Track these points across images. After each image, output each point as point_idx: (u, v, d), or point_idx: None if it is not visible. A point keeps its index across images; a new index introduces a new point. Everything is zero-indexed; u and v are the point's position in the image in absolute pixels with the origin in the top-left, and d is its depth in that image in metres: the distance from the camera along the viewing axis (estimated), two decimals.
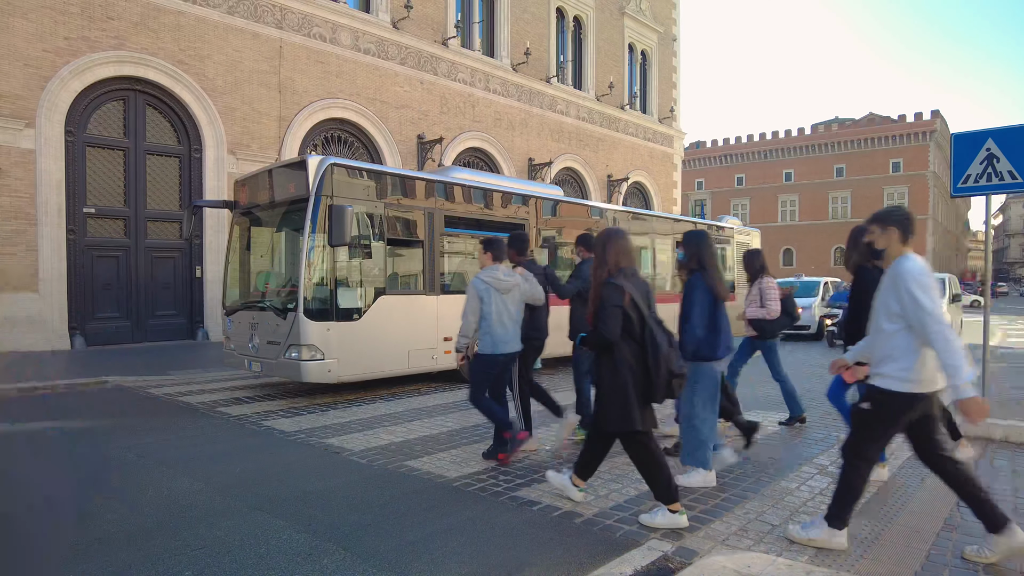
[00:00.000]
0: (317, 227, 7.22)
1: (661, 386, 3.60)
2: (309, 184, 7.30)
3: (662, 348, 3.59)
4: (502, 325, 4.90)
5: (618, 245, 3.79)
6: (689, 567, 2.92)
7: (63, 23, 11.66)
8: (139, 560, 3.20)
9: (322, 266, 7.42)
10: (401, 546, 3.37)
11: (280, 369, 7.48)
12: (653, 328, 3.63)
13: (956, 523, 3.78)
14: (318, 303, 7.33)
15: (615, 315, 3.59)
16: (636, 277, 3.80)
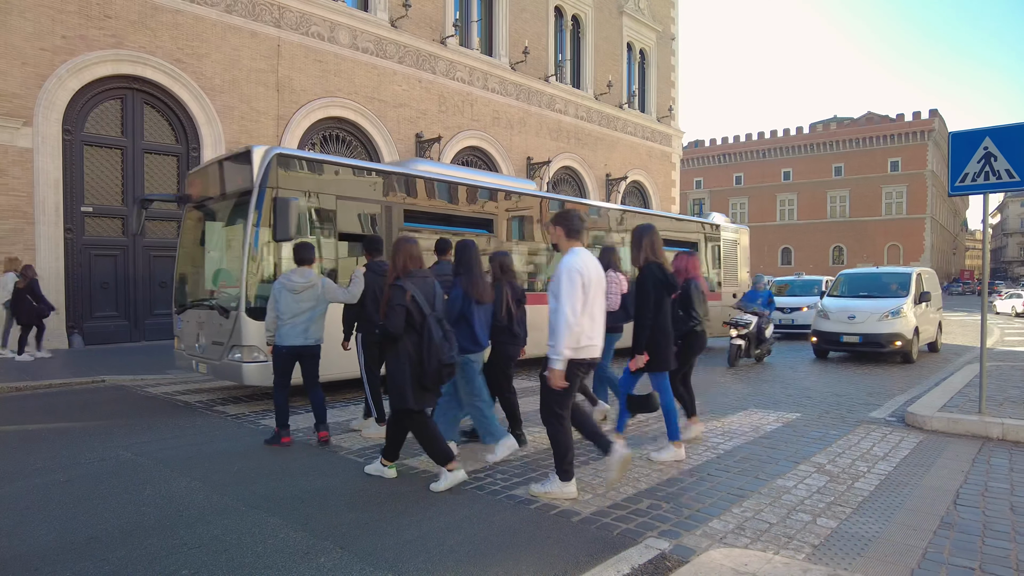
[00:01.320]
0: (262, 221, 6.85)
1: (431, 373, 4.15)
2: (253, 176, 6.95)
3: (435, 341, 4.14)
4: (292, 322, 5.39)
5: (406, 251, 4.34)
6: (686, 565, 2.92)
7: (61, 21, 11.63)
8: (136, 558, 3.19)
9: (266, 262, 7.03)
10: (398, 544, 3.37)
11: (223, 371, 7.10)
12: (431, 324, 4.17)
13: (953, 521, 3.78)
14: (261, 301, 6.84)
15: (398, 312, 4.13)
16: (423, 279, 4.34)
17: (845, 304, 11.96)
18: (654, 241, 4.96)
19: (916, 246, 62.05)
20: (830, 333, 11.63)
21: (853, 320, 11.49)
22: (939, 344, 13.59)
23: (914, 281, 12.23)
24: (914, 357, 11.40)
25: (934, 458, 5.19)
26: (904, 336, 11.06)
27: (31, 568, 3.09)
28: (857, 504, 4.07)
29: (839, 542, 3.46)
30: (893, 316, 11.21)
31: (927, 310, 12.44)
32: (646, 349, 4.93)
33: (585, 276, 3.96)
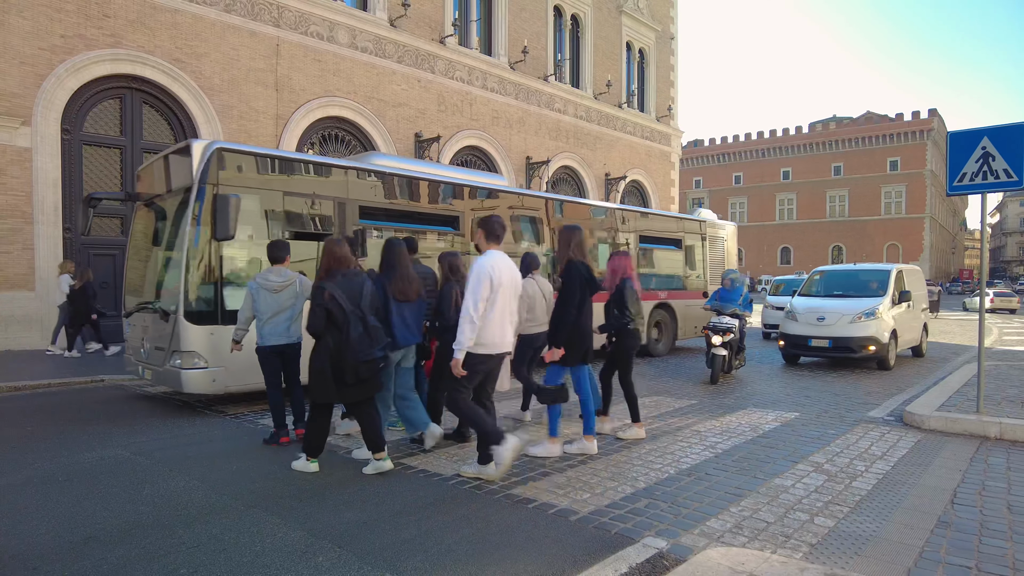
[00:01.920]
0: (203, 219, 6.54)
1: (348, 368, 4.36)
2: (193, 171, 6.64)
3: (352, 338, 4.34)
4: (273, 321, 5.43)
5: (331, 253, 4.57)
6: (683, 564, 2.93)
7: (59, 21, 11.63)
8: (135, 557, 3.19)
9: (207, 263, 6.68)
10: (396, 543, 3.37)
11: (165, 378, 6.80)
12: (351, 321, 4.36)
13: (951, 520, 3.79)
14: (201, 304, 6.61)
15: (318, 312, 4.37)
16: (348, 279, 4.52)
17: (814, 304, 10.92)
18: (581, 242, 5.12)
19: (915, 245, 62.11)
20: (797, 336, 10.62)
21: (822, 322, 10.43)
22: (924, 348, 12.63)
23: (892, 279, 11.04)
24: (890, 363, 10.41)
25: (932, 457, 5.20)
26: (878, 340, 10.05)
27: (30, 567, 3.10)
28: (855, 503, 4.08)
29: (836, 541, 3.47)
30: (867, 318, 10.15)
31: (909, 311, 11.35)
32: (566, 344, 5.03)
33: (495, 278, 4.28)
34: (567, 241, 5.09)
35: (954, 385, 8.15)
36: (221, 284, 6.72)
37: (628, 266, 6.02)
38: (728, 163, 71.84)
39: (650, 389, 8.49)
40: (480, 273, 4.24)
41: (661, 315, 12.47)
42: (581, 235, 5.14)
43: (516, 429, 6.09)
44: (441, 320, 5.37)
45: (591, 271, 5.04)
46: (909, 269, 12.31)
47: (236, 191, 6.64)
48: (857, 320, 10.18)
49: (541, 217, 10.79)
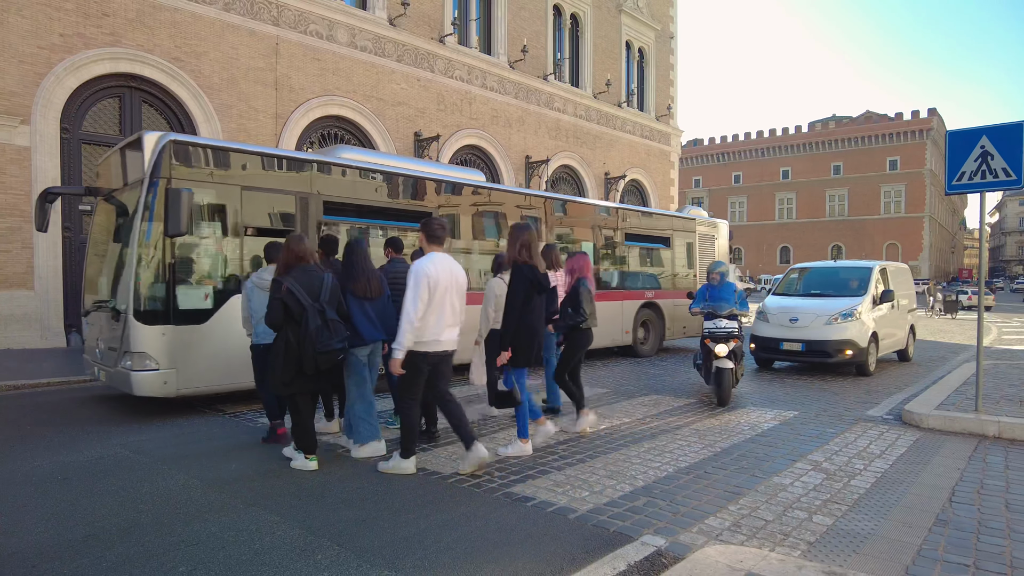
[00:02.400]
0: (155, 214, 6.31)
1: (307, 359, 4.50)
2: (145, 164, 6.43)
3: (309, 330, 4.49)
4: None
5: (290, 249, 4.72)
6: (681, 562, 2.94)
7: (58, 19, 11.62)
8: (134, 555, 3.20)
9: (158, 260, 6.42)
10: (395, 541, 3.38)
11: (117, 380, 6.55)
12: (309, 314, 4.50)
13: (949, 518, 3.80)
14: (152, 303, 6.35)
15: (275, 305, 4.52)
16: (308, 274, 4.66)
17: (787, 304, 10.12)
18: (529, 242, 5.07)
19: (915, 245, 62.14)
20: (768, 339, 9.83)
21: (795, 324, 9.65)
22: (911, 352, 11.75)
23: (874, 278, 10.20)
24: (870, 369, 9.63)
25: (930, 456, 5.21)
26: (856, 343, 9.28)
27: (29, 565, 3.10)
28: (853, 501, 4.08)
29: (834, 539, 3.47)
30: (844, 319, 9.37)
31: (893, 312, 10.61)
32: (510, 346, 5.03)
33: (432, 278, 4.39)
34: (514, 241, 5.10)
35: (953, 384, 8.16)
36: (174, 282, 6.46)
37: (586, 266, 6.10)
38: (728, 162, 71.84)
39: (648, 388, 8.50)
40: (418, 275, 4.36)
41: (648, 314, 12.30)
42: (529, 235, 5.10)
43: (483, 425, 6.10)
44: None
45: (537, 272, 5.02)
46: (894, 267, 11.57)
47: (190, 185, 6.41)
48: (833, 321, 9.44)
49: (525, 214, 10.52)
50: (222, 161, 7.03)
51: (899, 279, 11.46)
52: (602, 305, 11.09)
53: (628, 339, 11.87)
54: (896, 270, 11.57)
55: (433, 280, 4.38)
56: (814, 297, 10.37)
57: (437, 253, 4.56)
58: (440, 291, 4.42)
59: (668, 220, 13.79)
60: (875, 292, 10.06)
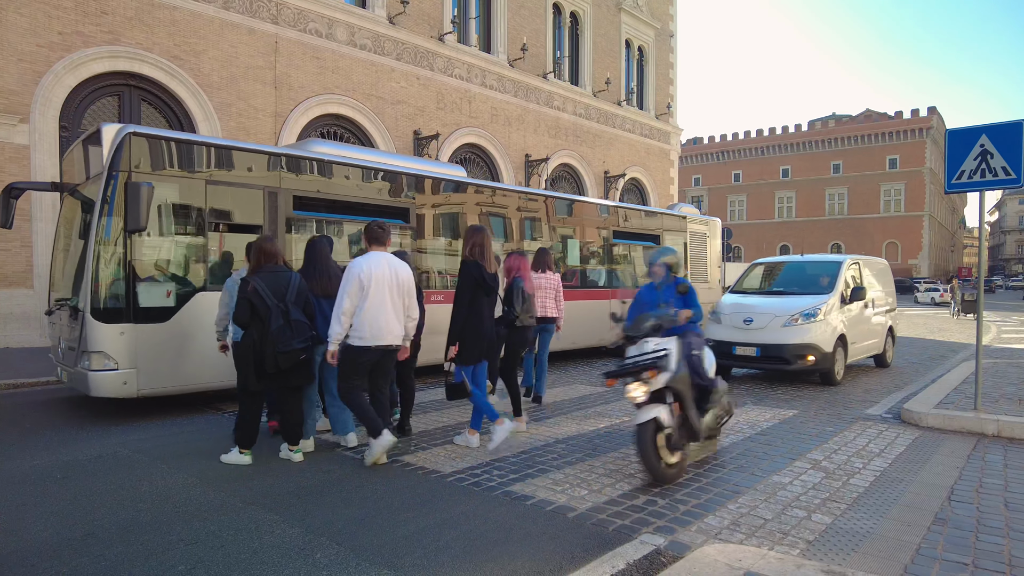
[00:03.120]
0: (114, 209, 6.15)
1: (268, 358, 4.63)
2: (103, 158, 6.26)
3: (272, 330, 4.62)
4: None
5: (259, 249, 4.86)
6: (680, 561, 2.94)
7: (57, 18, 11.60)
8: (133, 554, 3.20)
9: (118, 256, 6.27)
10: (394, 540, 3.38)
11: (76, 380, 6.37)
12: (272, 314, 4.64)
13: (948, 517, 3.80)
14: (111, 301, 6.20)
15: (243, 304, 4.65)
16: (275, 274, 4.80)
17: (743, 303, 9.07)
18: (481, 243, 5.27)
19: (914, 243, 62.14)
20: (720, 342, 8.66)
21: (750, 325, 8.56)
22: (890, 357, 10.65)
23: (843, 274, 9.08)
24: (837, 377, 8.55)
25: (929, 455, 5.21)
26: (818, 348, 8.22)
27: (28, 564, 3.10)
28: (852, 500, 4.08)
29: (833, 538, 3.47)
30: (805, 320, 8.30)
31: (867, 312, 9.60)
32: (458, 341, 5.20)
33: (365, 275, 4.62)
34: (468, 241, 5.33)
35: (952, 382, 8.16)
36: (134, 279, 6.28)
37: (522, 266, 6.24)
38: (727, 161, 71.78)
39: None
40: (350, 272, 4.64)
41: None
42: (482, 236, 5.30)
43: None
44: None
45: (484, 270, 5.18)
46: (869, 261, 10.47)
47: (151, 179, 6.23)
48: (792, 323, 8.34)
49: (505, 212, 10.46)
50: (185, 154, 6.83)
51: (876, 276, 10.53)
52: (588, 304, 11.13)
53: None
54: (872, 265, 10.55)
55: (366, 276, 4.61)
56: (775, 295, 9.32)
57: (376, 252, 4.81)
58: (376, 288, 4.64)
59: (658, 218, 13.61)
60: (844, 290, 8.99)
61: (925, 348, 13.63)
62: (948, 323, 22.07)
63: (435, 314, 7.42)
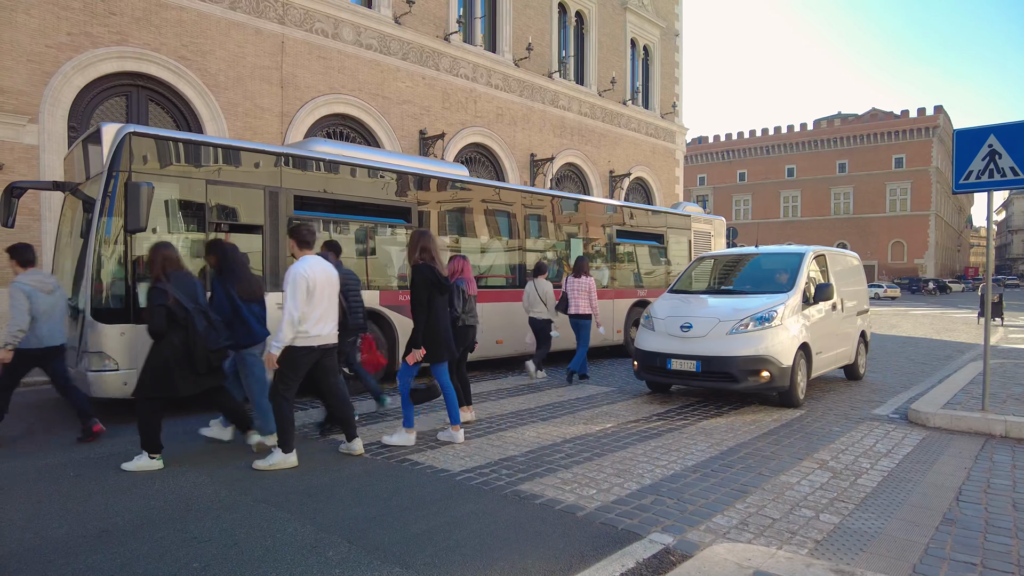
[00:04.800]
0: (114, 209, 6.18)
1: (200, 359, 4.72)
2: (103, 157, 6.28)
3: (199, 331, 4.71)
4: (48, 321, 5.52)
5: (163, 256, 4.85)
6: (690, 560, 2.96)
7: (65, 19, 11.67)
8: (147, 551, 3.24)
9: (118, 256, 6.30)
10: (405, 539, 3.41)
11: (78, 380, 6.27)
12: (194, 317, 4.72)
13: (955, 517, 3.81)
14: (111, 301, 6.22)
15: (159, 312, 4.65)
16: (183, 279, 4.87)
17: (682, 305, 7.56)
18: (428, 246, 5.39)
19: (920, 243, 61.93)
20: (651, 354, 7.23)
21: (688, 332, 7.01)
22: (862, 367, 9.15)
23: (805, 268, 7.58)
24: (797, 398, 6.99)
25: (937, 455, 5.21)
26: (774, 361, 6.67)
27: (45, 560, 3.14)
28: (860, 500, 4.10)
29: (841, 538, 3.49)
30: (758, 325, 6.79)
31: (835, 315, 8.10)
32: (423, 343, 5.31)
33: (310, 279, 4.71)
34: (414, 246, 5.41)
35: (960, 383, 8.15)
36: (135, 280, 6.26)
37: (464, 268, 6.36)
38: (732, 160, 71.64)
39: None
40: (296, 278, 4.67)
41: (641, 313, 12.10)
42: (428, 239, 5.43)
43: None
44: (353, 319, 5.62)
45: (437, 273, 5.33)
46: (837, 254, 8.97)
47: (152, 179, 6.25)
48: (742, 329, 6.80)
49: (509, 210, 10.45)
50: (186, 154, 6.84)
51: (846, 271, 9.00)
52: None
53: (620, 338, 11.81)
54: (841, 259, 9.04)
55: (311, 280, 4.72)
56: (723, 295, 7.86)
57: (310, 256, 4.90)
58: (319, 290, 4.77)
59: (662, 217, 13.57)
60: (808, 288, 7.52)
61: (931, 349, 13.60)
62: (955, 323, 21.96)
63: None
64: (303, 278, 4.69)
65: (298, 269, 4.72)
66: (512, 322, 9.91)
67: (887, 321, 21.98)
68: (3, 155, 11.14)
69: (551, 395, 7.81)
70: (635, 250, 12.77)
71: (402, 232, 8.85)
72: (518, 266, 10.50)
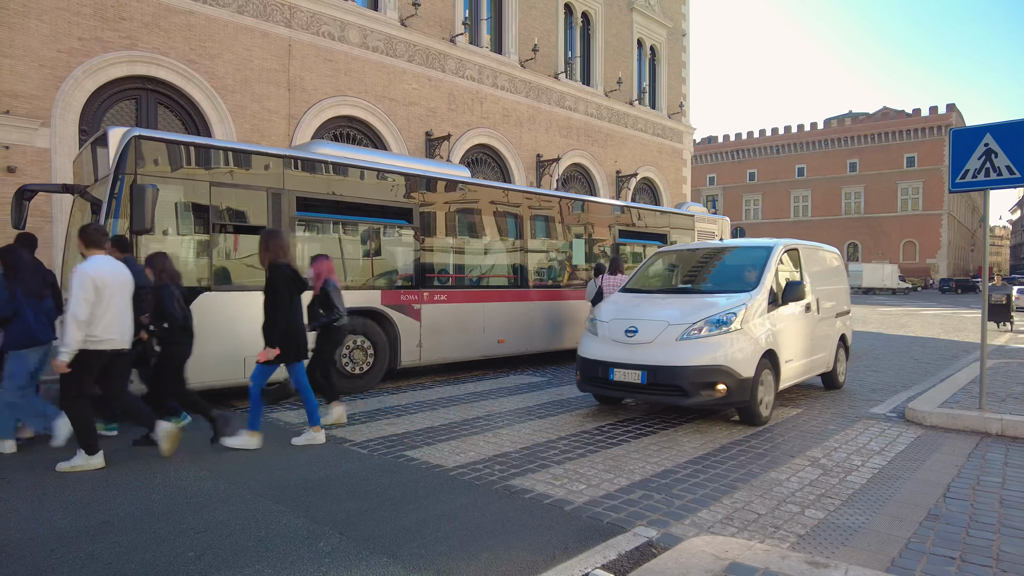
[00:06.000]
0: (121, 211, 6.33)
1: None
2: (110, 160, 6.46)
3: None
4: None
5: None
6: (669, 551, 3.03)
7: (77, 24, 11.88)
8: (145, 541, 3.35)
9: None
10: (395, 531, 3.50)
11: None
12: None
13: (941, 513, 3.84)
14: None
15: None
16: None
17: (630, 307, 6.59)
18: (280, 245, 5.35)
19: (932, 242, 61.41)
20: (593, 363, 6.31)
21: (633, 338, 6.08)
22: (841, 375, 8.27)
23: (772, 264, 6.69)
24: (761, 415, 6.06)
25: (929, 453, 5.23)
26: (732, 372, 5.75)
27: (48, 549, 3.26)
28: (847, 496, 4.14)
29: (824, 532, 3.54)
30: (714, 329, 5.88)
31: (808, 318, 7.13)
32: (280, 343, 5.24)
33: (99, 280, 4.58)
34: (265, 245, 5.34)
35: (960, 382, 8.13)
36: None
37: (330, 268, 6.27)
38: (742, 160, 71.35)
39: None
40: (83, 279, 4.51)
41: None
42: (280, 239, 5.39)
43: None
44: (170, 320, 5.42)
45: (295, 271, 5.32)
46: (812, 249, 8.00)
47: (157, 182, 6.43)
48: (694, 334, 5.89)
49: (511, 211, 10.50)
50: (190, 157, 6.99)
51: (823, 268, 8.12)
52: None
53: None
54: (817, 255, 8.10)
55: (100, 281, 4.58)
56: (680, 295, 6.94)
57: (99, 256, 4.77)
58: (108, 292, 4.64)
59: (665, 217, 13.59)
60: (776, 286, 6.62)
61: (938, 349, 13.53)
62: (964, 322, 21.78)
63: None
64: (90, 278, 4.52)
65: (85, 269, 4.57)
66: (514, 322, 10.00)
67: (896, 321, 21.85)
68: (16, 158, 11.37)
69: (550, 394, 7.88)
70: (644, 250, 12.80)
71: (404, 233, 8.97)
72: (520, 267, 10.57)
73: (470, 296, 9.69)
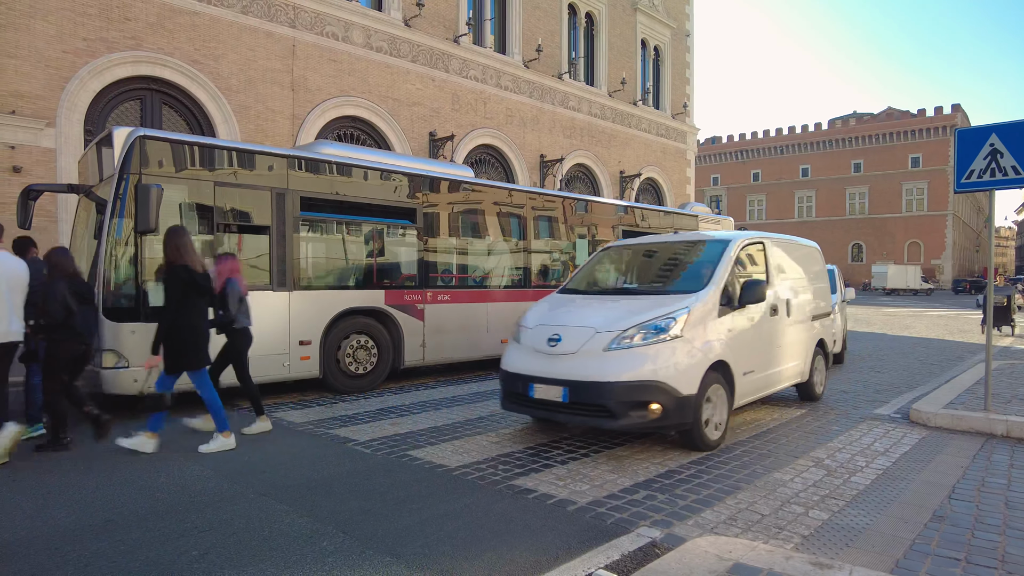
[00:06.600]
0: (126, 211, 6.37)
1: None
2: (115, 160, 6.51)
3: None
4: None
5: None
6: (672, 552, 3.02)
7: (82, 24, 11.93)
8: (149, 539, 3.36)
9: (128, 256, 6.49)
10: (398, 530, 3.50)
11: (88, 377, 6.43)
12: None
13: (946, 514, 3.83)
14: (122, 300, 6.40)
15: None
16: None
17: (558, 311, 5.67)
18: (182, 245, 5.16)
19: (937, 243, 61.18)
20: (514, 376, 5.35)
21: (555, 348, 5.13)
22: (818, 385, 7.46)
23: (728, 260, 5.77)
24: (706, 437, 5.13)
25: (934, 454, 5.21)
26: (667, 389, 4.80)
27: (52, 547, 3.27)
28: (851, 497, 4.13)
29: (828, 533, 3.53)
30: (649, 337, 4.96)
31: (773, 322, 6.27)
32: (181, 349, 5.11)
33: None
34: (166, 245, 5.19)
35: (965, 383, 8.10)
36: (145, 279, 6.46)
37: (234, 268, 6.10)
38: (746, 160, 71.21)
39: None
40: None
41: None
42: (183, 239, 5.21)
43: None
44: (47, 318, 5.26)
45: (192, 273, 5.12)
46: (785, 244, 7.17)
47: (162, 181, 6.45)
48: (624, 343, 4.95)
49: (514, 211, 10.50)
50: (194, 157, 7.02)
51: (797, 265, 7.27)
52: None
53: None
54: (794, 250, 7.32)
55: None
56: (619, 296, 6.09)
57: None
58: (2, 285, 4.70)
59: (669, 217, 13.56)
60: (731, 285, 5.65)
61: (943, 350, 13.48)
62: (970, 323, 21.68)
63: None
64: None
65: None
66: None
67: (901, 322, 21.78)
68: (21, 158, 11.42)
69: None
70: None
71: (408, 233, 8.98)
72: (523, 267, 10.57)
73: (473, 296, 9.70)
